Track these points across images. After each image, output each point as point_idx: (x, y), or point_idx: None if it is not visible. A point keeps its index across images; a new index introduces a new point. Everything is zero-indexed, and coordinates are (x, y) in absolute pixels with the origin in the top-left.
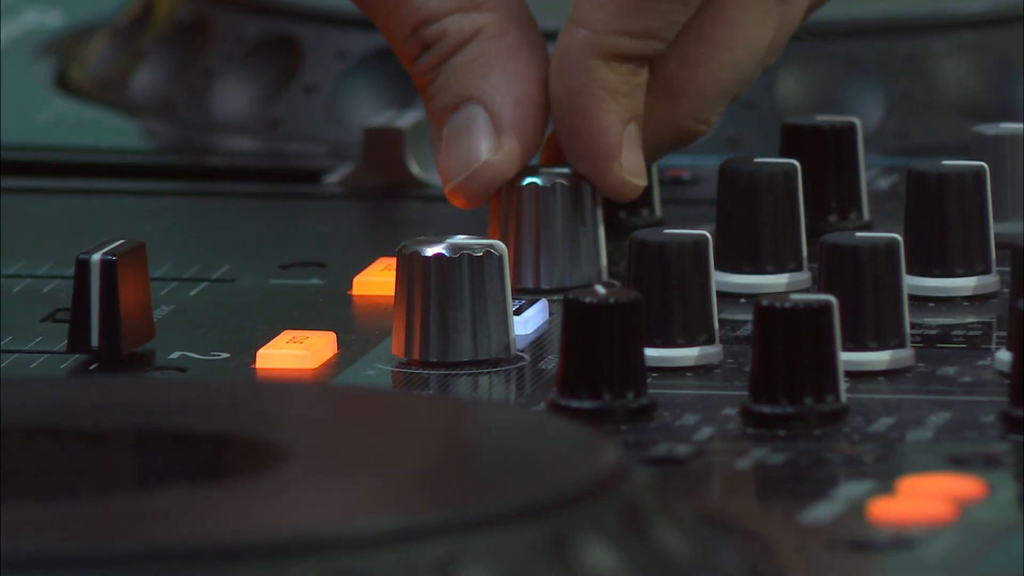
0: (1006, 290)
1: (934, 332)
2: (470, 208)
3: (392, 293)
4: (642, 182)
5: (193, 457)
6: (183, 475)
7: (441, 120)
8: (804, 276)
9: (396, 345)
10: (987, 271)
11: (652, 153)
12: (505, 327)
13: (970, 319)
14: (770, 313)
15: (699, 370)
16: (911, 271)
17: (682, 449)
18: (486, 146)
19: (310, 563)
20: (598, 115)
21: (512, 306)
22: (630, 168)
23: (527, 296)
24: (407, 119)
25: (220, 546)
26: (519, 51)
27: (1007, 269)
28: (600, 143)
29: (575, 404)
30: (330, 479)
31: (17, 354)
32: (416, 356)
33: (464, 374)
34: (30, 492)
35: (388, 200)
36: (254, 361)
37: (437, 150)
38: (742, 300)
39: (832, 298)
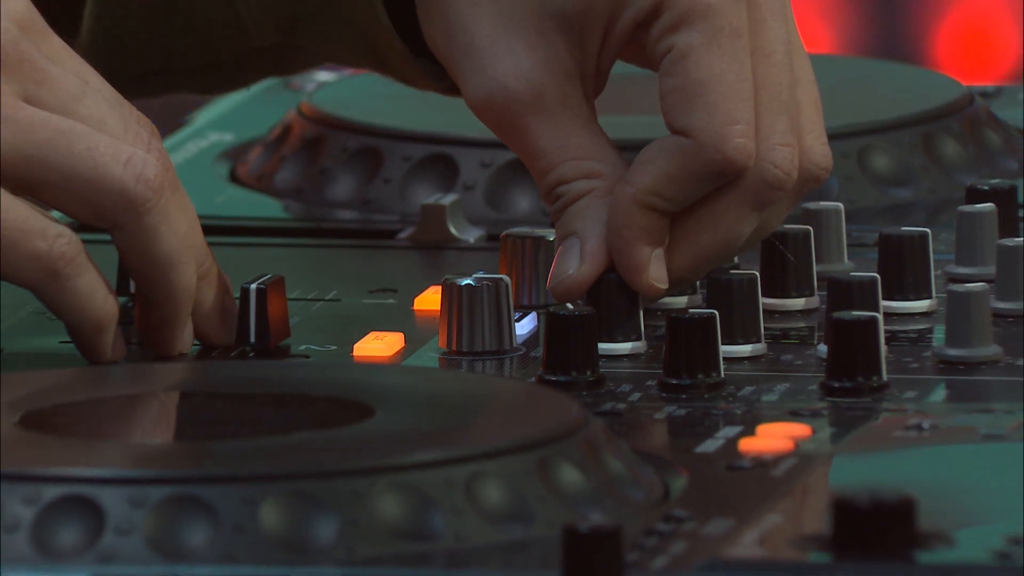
0: (824, 306)
1: (778, 332)
2: (563, 301)
3: (439, 308)
4: (663, 286)
5: (315, 412)
6: (308, 423)
7: (558, 241)
8: (698, 297)
9: (441, 340)
10: (812, 295)
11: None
12: (510, 329)
13: (801, 324)
14: (677, 321)
15: (632, 357)
16: (765, 294)
17: (621, 406)
18: (573, 265)
19: (384, 479)
20: (634, 244)
21: (514, 316)
22: (655, 277)
23: (523, 310)
24: (448, 199)
25: (328, 469)
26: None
27: (824, 293)
28: (634, 262)
29: (554, 378)
30: (397, 427)
31: (198, 348)
32: (454, 347)
33: (484, 359)
34: (211, 433)
35: (436, 251)
36: (352, 351)
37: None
38: (659, 312)
39: (715, 311)
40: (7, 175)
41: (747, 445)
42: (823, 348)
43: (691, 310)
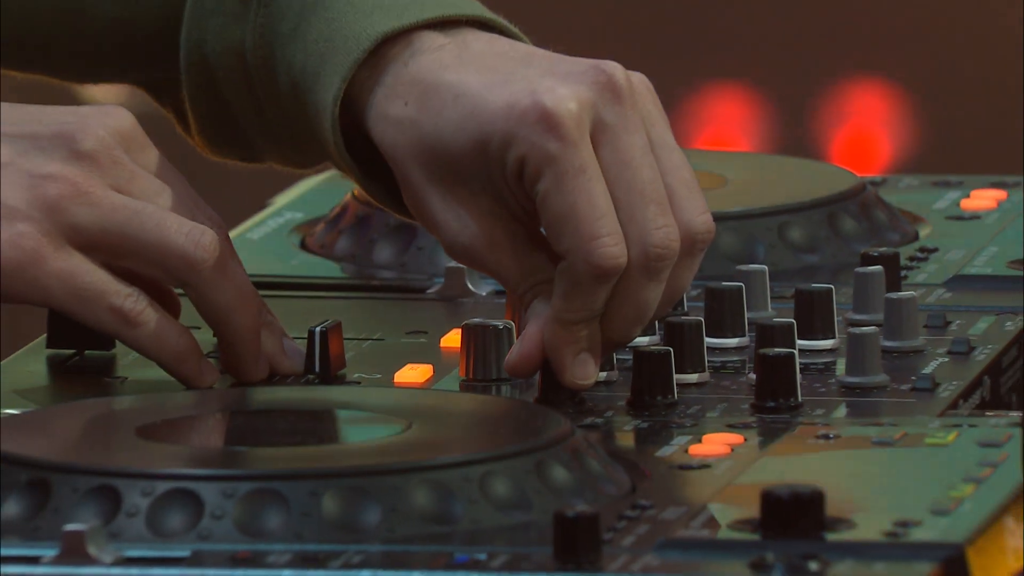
0: (753, 344)
1: (719, 364)
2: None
3: (459, 345)
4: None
5: (364, 424)
6: (359, 433)
7: None
8: (656, 338)
9: (461, 370)
10: (744, 335)
11: (603, 352)
12: None
13: (735, 358)
14: (641, 355)
15: (607, 383)
16: (708, 335)
17: (599, 420)
18: (515, 349)
19: (416, 476)
20: (557, 351)
21: None
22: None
23: None
24: None
25: (374, 468)
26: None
27: (753, 334)
28: (557, 364)
29: (546, 399)
30: (427, 436)
31: (278, 376)
32: (471, 376)
33: (493, 384)
34: (277, 441)
35: (457, 302)
36: (393, 378)
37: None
38: (627, 349)
39: (670, 348)
40: (95, 247)
41: (695, 450)
42: (753, 376)
43: (651, 347)
